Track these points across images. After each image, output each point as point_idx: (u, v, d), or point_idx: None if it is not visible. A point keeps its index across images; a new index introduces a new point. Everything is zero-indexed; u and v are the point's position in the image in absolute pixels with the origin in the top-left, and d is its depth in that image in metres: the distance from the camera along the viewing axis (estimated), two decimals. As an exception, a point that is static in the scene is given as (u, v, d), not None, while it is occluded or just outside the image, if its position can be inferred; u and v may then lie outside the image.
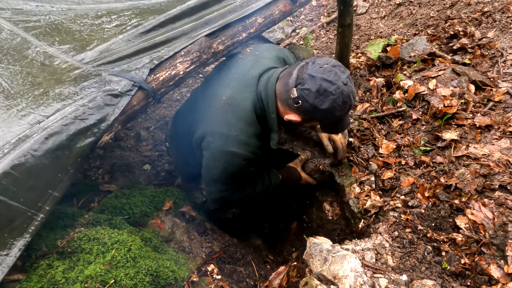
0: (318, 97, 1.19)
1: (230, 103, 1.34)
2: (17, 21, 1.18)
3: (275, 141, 1.40)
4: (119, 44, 1.26)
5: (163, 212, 1.53)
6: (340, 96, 1.19)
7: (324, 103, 1.19)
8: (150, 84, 1.18)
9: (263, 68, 1.42)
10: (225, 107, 1.33)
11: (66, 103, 1.00)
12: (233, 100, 1.34)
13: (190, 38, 1.34)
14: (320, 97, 1.19)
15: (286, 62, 1.62)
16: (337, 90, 1.18)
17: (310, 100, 1.20)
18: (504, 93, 1.91)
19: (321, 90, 1.18)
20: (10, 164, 0.82)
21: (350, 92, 1.22)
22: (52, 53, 1.13)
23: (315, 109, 1.22)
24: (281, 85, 1.30)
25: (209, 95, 1.45)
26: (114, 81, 1.09)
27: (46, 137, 0.90)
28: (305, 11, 5.31)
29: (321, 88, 1.17)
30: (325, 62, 1.23)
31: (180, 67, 1.27)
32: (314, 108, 1.22)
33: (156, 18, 1.38)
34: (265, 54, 1.53)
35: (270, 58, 1.51)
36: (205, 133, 1.38)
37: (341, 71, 1.23)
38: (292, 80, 1.24)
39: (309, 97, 1.20)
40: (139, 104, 1.16)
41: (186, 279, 1.26)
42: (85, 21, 1.32)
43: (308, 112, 1.26)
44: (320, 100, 1.19)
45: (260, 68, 1.41)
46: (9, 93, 0.99)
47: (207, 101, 1.45)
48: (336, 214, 2.04)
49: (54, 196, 0.92)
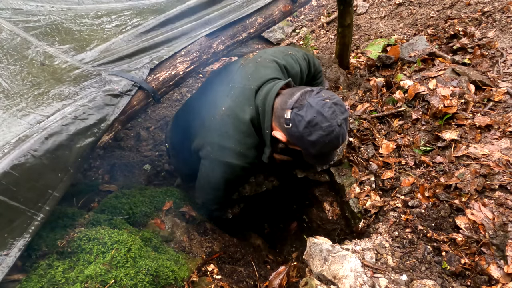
0: (307, 127, 1.18)
1: (228, 115, 1.35)
2: (17, 21, 1.18)
3: (267, 156, 1.40)
4: (119, 44, 1.26)
5: (163, 212, 1.53)
6: (329, 135, 1.18)
7: (311, 135, 1.19)
8: (150, 84, 1.18)
9: (262, 80, 1.39)
10: (224, 119, 1.35)
11: (66, 103, 1.00)
12: (232, 112, 1.35)
13: (190, 38, 1.34)
14: (310, 128, 1.18)
15: (289, 71, 1.55)
16: (328, 128, 1.17)
17: (299, 127, 1.20)
18: (504, 93, 1.91)
19: (313, 122, 1.17)
20: (10, 164, 0.82)
21: (340, 134, 1.21)
22: (52, 53, 1.13)
23: (301, 137, 1.21)
24: (280, 102, 1.29)
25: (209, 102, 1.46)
26: (114, 81, 1.09)
27: (46, 137, 0.90)
28: (305, 11, 5.31)
29: (314, 120, 1.17)
30: (329, 96, 1.22)
31: (180, 67, 1.27)
32: (301, 136, 1.21)
33: (156, 18, 1.38)
34: (266, 62, 1.48)
35: (271, 68, 1.46)
36: (204, 142, 1.40)
37: (340, 111, 1.22)
38: (291, 101, 1.23)
39: (300, 124, 1.19)
40: (139, 104, 1.16)
41: (186, 279, 1.26)
42: (85, 21, 1.32)
43: (294, 137, 1.25)
44: (309, 131, 1.19)
45: (260, 79, 1.39)
46: (9, 93, 0.99)
47: (207, 108, 1.46)
48: (336, 214, 2.04)
49: (54, 196, 0.92)
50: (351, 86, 2.65)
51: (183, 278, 1.24)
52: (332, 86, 2.56)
